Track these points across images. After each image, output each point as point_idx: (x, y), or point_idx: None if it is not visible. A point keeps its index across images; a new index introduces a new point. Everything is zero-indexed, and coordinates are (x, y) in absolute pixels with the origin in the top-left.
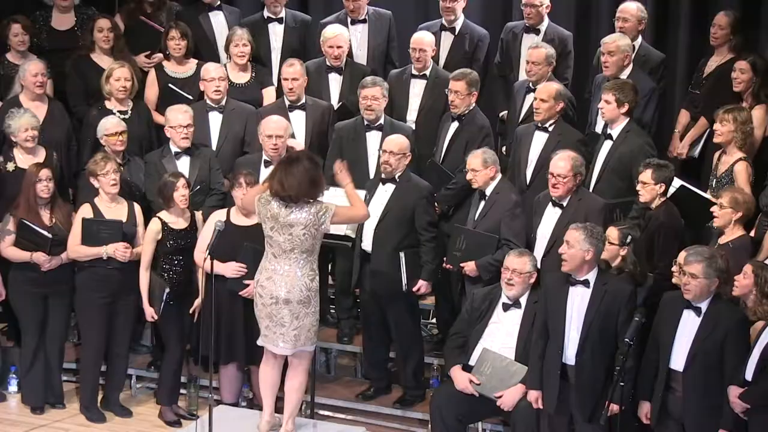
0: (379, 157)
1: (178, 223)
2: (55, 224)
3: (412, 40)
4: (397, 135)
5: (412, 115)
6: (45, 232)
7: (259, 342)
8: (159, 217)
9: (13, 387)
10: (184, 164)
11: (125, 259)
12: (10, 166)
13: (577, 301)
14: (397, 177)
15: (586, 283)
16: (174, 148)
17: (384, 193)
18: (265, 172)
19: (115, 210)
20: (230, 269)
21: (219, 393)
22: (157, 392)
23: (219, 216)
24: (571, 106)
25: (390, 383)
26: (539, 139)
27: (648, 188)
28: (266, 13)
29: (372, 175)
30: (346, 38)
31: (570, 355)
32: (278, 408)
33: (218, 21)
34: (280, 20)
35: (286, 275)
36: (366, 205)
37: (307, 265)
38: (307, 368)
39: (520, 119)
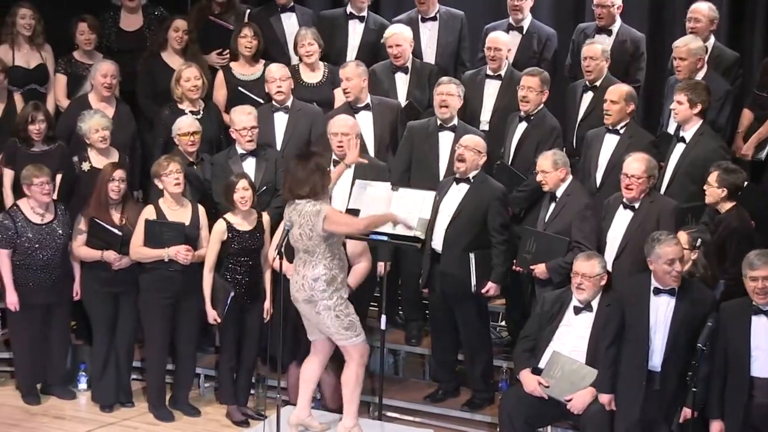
0: (451, 156)
1: (244, 224)
2: (125, 225)
3: (488, 40)
4: (475, 136)
5: (485, 115)
6: (115, 231)
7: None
8: (225, 218)
9: (82, 385)
10: (250, 165)
11: (187, 261)
12: (86, 166)
13: (662, 309)
14: (471, 177)
15: (672, 292)
16: (240, 150)
17: (457, 192)
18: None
19: (179, 212)
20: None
21: (287, 393)
22: (217, 392)
23: None
24: None
25: (458, 385)
26: (610, 142)
27: (711, 190)
28: (349, 9)
29: (442, 176)
30: (406, 37)
31: (655, 363)
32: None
33: (290, 23)
34: (361, 18)
35: (295, 273)
36: (432, 207)
37: (309, 265)
38: (359, 363)
39: (579, 119)
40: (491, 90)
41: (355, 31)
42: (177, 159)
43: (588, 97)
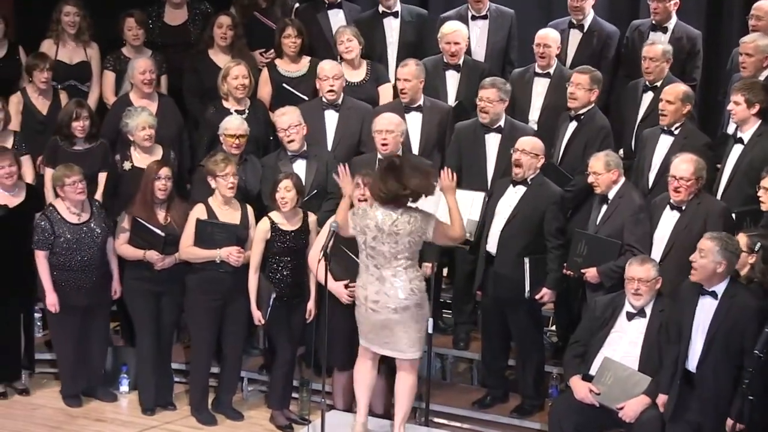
0: (498, 157)
1: (288, 224)
2: (169, 224)
3: (537, 36)
4: (532, 137)
5: (534, 114)
6: (158, 231)
7: (362, 342)
8: (269, 217)
9: (124, 387)
10: (300, 167)
11: (239, 263)
12: (127, 165)
13: (704, 311)
14: (529, 180)
15: (714, 294)
16: (290, 151)
17: (513, 195)
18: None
19: (229, 212)
20: (340, 290)
21: (332, 398)
22: (267, 396)
23: None
24: None
25: (507, 391)
26: (664, 143)
27: None
28: (381, 8)
29: (490, 178)
30: (464, 35)
31: (693, 364)
32: (392, 415)
33: (338, 19)
34: (395, 14)
35: (393, 284)
36: (481, 209)
37: (412, 270)
38: (416, 373)
39: (639, 119)
40: (540, 88)
41: (392, 28)
42: (233, 162)
43: (648, 97)
